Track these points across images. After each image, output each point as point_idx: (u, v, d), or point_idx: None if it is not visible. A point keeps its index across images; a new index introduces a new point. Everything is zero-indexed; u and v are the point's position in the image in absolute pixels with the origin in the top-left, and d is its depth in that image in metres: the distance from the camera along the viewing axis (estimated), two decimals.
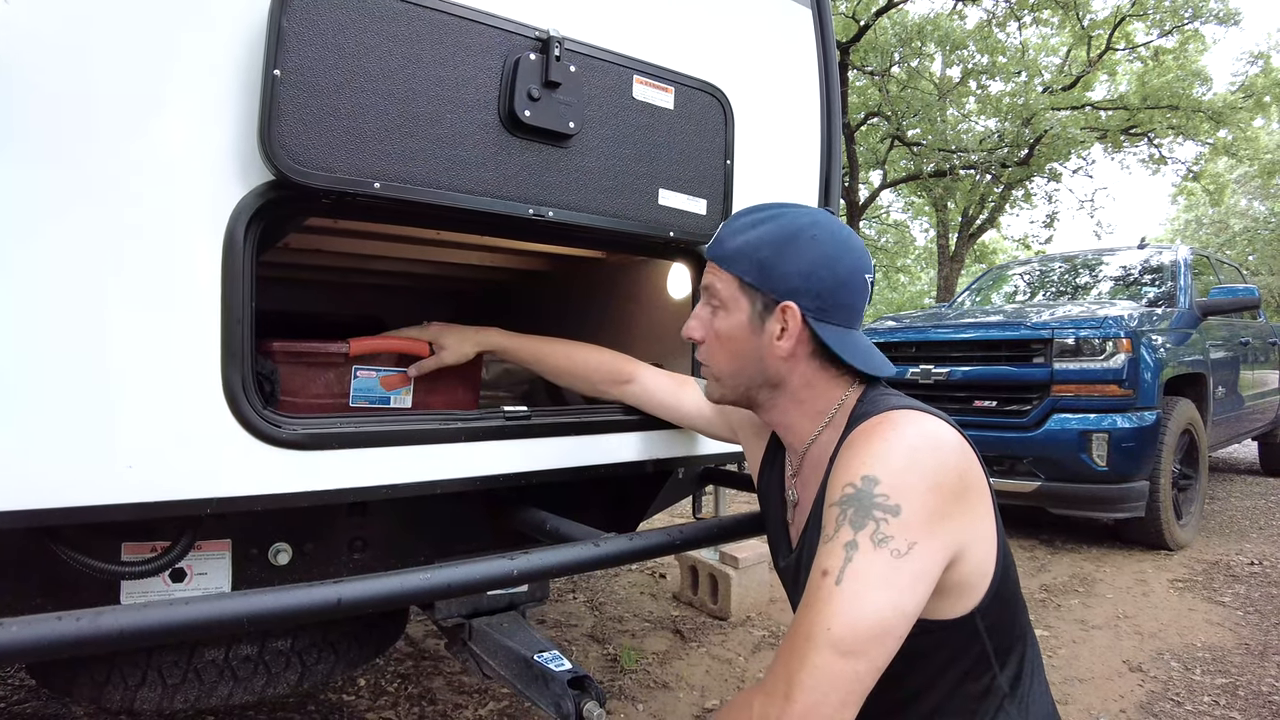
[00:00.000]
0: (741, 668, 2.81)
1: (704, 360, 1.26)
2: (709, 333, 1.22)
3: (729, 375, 1.23)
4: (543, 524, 1.60)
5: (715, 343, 1.22)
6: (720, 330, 1.20)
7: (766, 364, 1.17)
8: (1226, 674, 2.79)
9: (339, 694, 2.50)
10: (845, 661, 0.89)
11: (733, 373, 1.22)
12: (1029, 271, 7.02)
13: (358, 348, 1.43)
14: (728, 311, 1.19)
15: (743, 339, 1.18)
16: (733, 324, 1.19)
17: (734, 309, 1.18)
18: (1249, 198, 26.49)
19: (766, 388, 1.20)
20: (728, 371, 1.22)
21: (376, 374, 1.47)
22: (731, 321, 1.19)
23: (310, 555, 1.50)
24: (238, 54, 1.09)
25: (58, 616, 0.87)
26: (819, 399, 1.18)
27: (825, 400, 1.18)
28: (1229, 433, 5.78)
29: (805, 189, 1.86)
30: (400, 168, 1.18)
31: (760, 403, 1.23)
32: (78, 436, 1.00)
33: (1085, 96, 16.23)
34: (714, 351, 1.23)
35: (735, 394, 1.24)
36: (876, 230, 23.95)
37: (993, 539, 1.06)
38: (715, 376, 1.25)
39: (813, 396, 1.18)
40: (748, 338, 1.18)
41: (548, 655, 1.42)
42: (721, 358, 1.22)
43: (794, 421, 1.21)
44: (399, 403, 1.50)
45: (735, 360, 1.20)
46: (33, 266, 0.97)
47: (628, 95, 1.44)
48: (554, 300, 2.56)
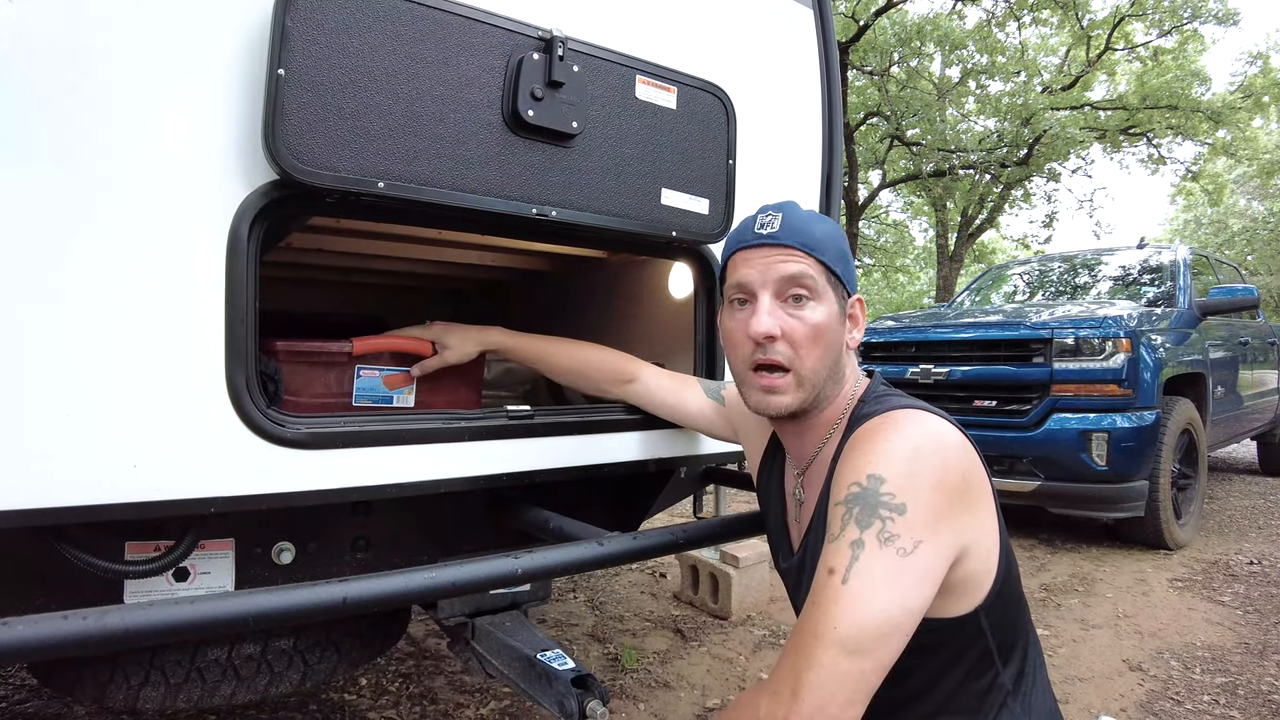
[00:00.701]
0: (742, 667, 2.81)
1: (784, 359, 1.12)
2: (798, 327, 1.11)
3: (815, 373, 1.13)
4: (545, 523, 1.60)
5: (808, 337, 1.11)
6: (815, 323, 1.11)
7: (841, 358, 1.16)
8: (1226, 673, 2.79)
9: (340, 693, 2.50)
10: (852, 660, 0.89)
11: (819, 370, 1.13)
12: (1028, 271, 7.02)
13: (361, 347, 1.43)
14: (819, 302, 1.12)
15: (834, 332, 1.13)
16: (827, 315, 1.12)
17: (825, 299, 1.12)
18: (1248, 198, 26.50)
19: (832, 383, 1.16)
20: (815, 369, 1.12)
21: (379, 373, 1.47)
22: (825, 312, 1.12)
23: (313, 554, 1.50)
24: (242, 53, 1.09)
25: (63, 615, 0.88)
26: (845, 395, 1.19)
27: (846, 397, 1.19)
28: (1228, 432, 5.79)
29: (806, 188, 1.86)
30: (404, 167, 1.18)
31: (821, 401, 1.16)
32: (82, 436, 1.00)
33: (1084, 96, 16.23)
34: (805, 346, 1.11)
35: (813, 394, 1.14)
36: (876, 230, 23.94)
37: (995, 537, 1.07)
38: (800, 378, 1.12)
39: (849, 387, 1.20)
40: (837, 330, 1.14)
41: (551, 654, 1.42)
42: (812, 353, 1.12)
43: (827, 419, 1.19)
44: (402, 402, 1.50)
45: (827, 355, 1.13)
46: (37, 266, 0.97)
47: (630, 95, 1.44)
48: (556, 300, 2.56)
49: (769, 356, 1.12)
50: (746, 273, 1.15)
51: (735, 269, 1.18)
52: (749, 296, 1.15)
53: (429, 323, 1.55)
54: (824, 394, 1.16)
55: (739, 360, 1.18)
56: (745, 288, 1.15)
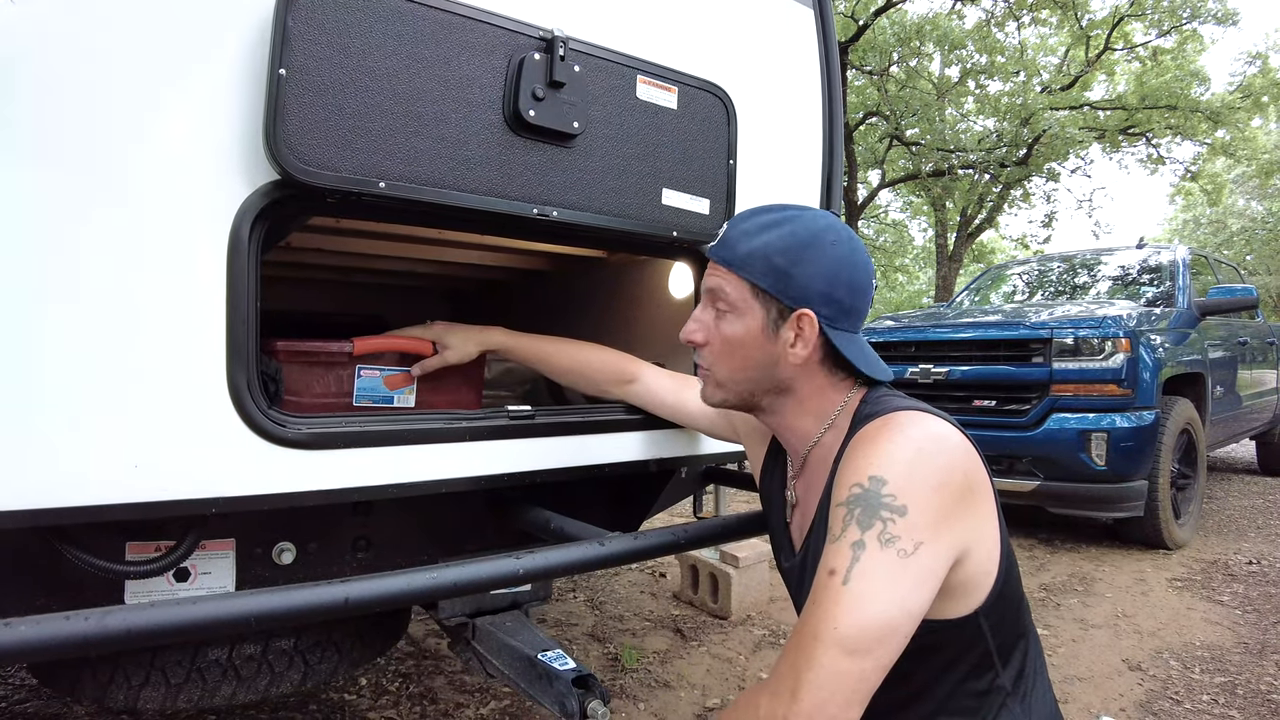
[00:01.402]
0: (742, 666, 2.81)
1: (705, 364, 1.21)
2: (713, 336, 1.18)
3: (733, 381, 1.19)
4: (547, 523, 1.60)
5: (721, 348, 1.17)
6: (729, 335, 1.16)
7: (777, 370, 1.15)
8: (1225, 672, 2.80)
9: (340, 693, 2.50)
10: (852, 660, 0.89)
11: (738, 379, 1.18)
12: (1027, 271, 7.02)
13: (361, 347, 1.43)
14: (737, 316, 1.15)
15: (753, 345, 1.15)
16: (743, 330, 1.15)
17: (745, 314, 1.14)
18: (1247, 198, 26.53)
19: (772, 393, 1.18)
20: (732, 377, 1.18)
21: (380, 373, 1.47)
22: (741, 327, 1.15)
23: (314, 555, 1.50)
24: (243, 53, 1.09)
25: (65, 616, 0.87)
26: (822, 403, 1.18)
27: (828, 403, 1.18)
28: (1227, 432, 5.79)
29: (807, 188, 1.86)
30: (405, 167, 1.18)
31: (762, 407, 1.21)
32: (83, 436, 1.00)
33: (1083, 96, 16.24)
34: (718, 356, 1.18)
35: (737, 399, 1.21)
36: (875, 230, 23.96)
37: (996, 539, 1.07)
38: (717, 382, 1.20)
39: (817, 400, 1.18)
40: (759, 344, 1.14)
41: (551, 654, 1.42)
42: (727, 363, 1.18)
43: (796, 424, 1.20)
44: (402, 402, 1.50)
45: (743, 367, 1.16)
46: (38, 266, 0.96)
47: (631, 95, 1.44)
48: (556, 299, 2.56)
49: (696, 359, 1.25)
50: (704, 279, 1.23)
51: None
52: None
53: (429, 322, 1.55)
54: (760, 401, 1.20)
55: None
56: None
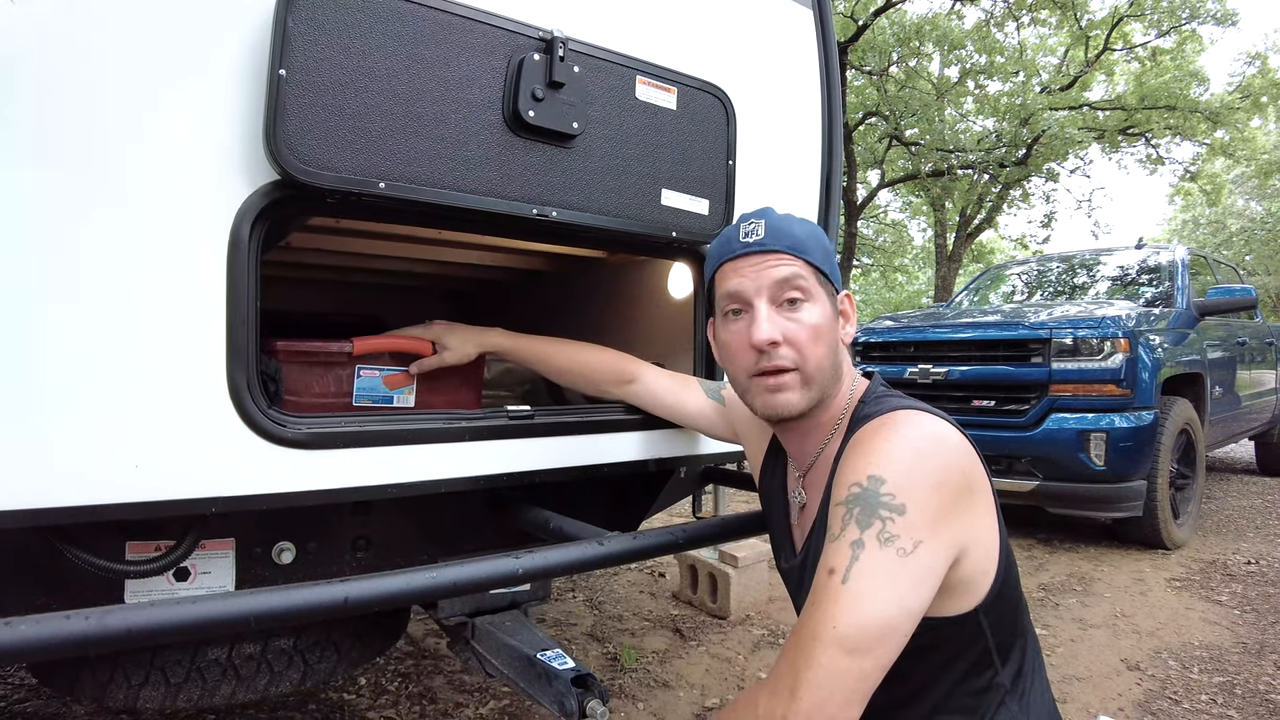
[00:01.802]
0: (741, 666, 2.82)
1: (789, 362, 1.12)
2: (795, 331, 1.11)
3: (820, 372, 1.13)
4: (546, 523, 1.60)
5: (809, 337, 1.11)
6: (816, 323, 1.12)
7: (839, 354, 1.16)
8: (1224, 672, 2.80)
9: (340, 693, 2.50)
10: (851, 659, 0.90)
11: (824, 369, 1.13)
12: (1027, 271, 7.03)
13: (361, 347, 1.43)
14: (815, 302, 1.13)
15: (830, 330, 1.14)
16: (822, 314, 1.13)
17: (819, 299, 1.13)
18: (1246, 198, 26.53)
19: (834, 382, 1.16)
20: (820, 369, 1.13)
21: (380, 373, 1.47)
22: (821, 311, 1.13)
23: (313, 554, 1.50)
24: (243, 53, 1.09)
25: (65, 615, 0.88)
26: (844, 393, 1.19)
27: (847, 392, 1.19)
28: (1226, 432, 5.80)
29: (806, 188, 1.87)
30: (405, 167, 1.19)
31: (826, 399, 1.16)
32: (84, 436, 1.00)
33: (1083, 96, 16.24)
34: (808, 347, 1.11)
35: (820, 392, 1.14)
36: (874, 230, 23.95)
37: (995, 537, 1.07)
38: (807, 377, 1.12)
39: (846, 386, 1.19)
40: (833, 327, 1.15)
41: (550, 654, 1.42)
42: (817, 353, 1.12)
43: (829, 418, 1.18)
44: (402, 402, 1.50)
45: (829, 353, 1.13)
46: (38, 266, 0.97)
47: (631, 95, 1.44)
48: (555, 300, 2.56)
49: (774, 363, 1.12)
50: (739, 282, 1.15)
51: (725, 279, 1.17)
52: (744, 306, 1.15)
53: (429, 322, 1.55)
54: (828, 393, 1.16)
55: (741, 370, 1.17)
56: (739, 297, 1.15)
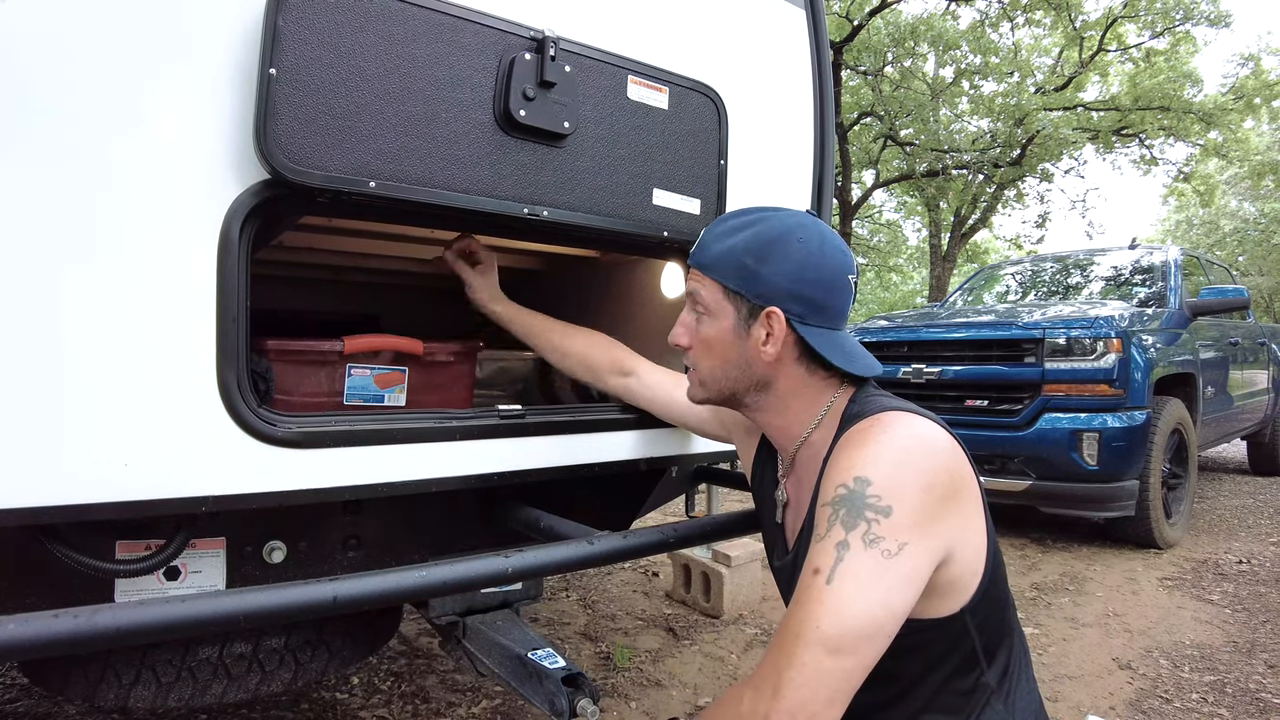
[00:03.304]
0: (734, 665, 2.82)
1: (690, 364, 1.27)
2: (694, 338, 1.23)
3: (713, 379, 1.23)
4: (537, 522, 1.61)
5: (701, 348, 1.22)
6: (706, 336, 1.21)
7: (753, 368, 1.18)
8: (1214, 671, 2.81)
9: (332, 692, 2.50)
10: (834, 659, 0.90)
11: (718, 377, 1.22)
12: (1021, 271, 7.04)
13: (352, 346, 1.43)
14: (712, 317, 1.20)
15: (728, 344, 1.19)
16: (718, 330, 1.19)
17: (719, 315, 1.19)
18: (1239, 199, 26.60)
19: (753, 391, 1.21)
20: (713, 376, 1.23)
21: (371, 372, 1.47)
22: (716, 328, 1.19)
23: (304, 553, 1.50)
24: (233, 52, 1.09)
25: (54, 614, 0.88)
26: (807, 401, 1.19)
27: (813, 402, 1.19)
28: (1218, 432, 5.83)
29: (799, 189, 1.87)
30: (395, 167, 1.19)
31: (747, 404, 1.24)
32: (73, 435, 1.00)
33: (1077, 97, 16.27)
34: (699, 356, 1.23)
35: (720, 397, 1.25)
36: (869, 230, 23.97)
37: (983, 539, 1.07)
38: (700, 380, 1.25)
39: (800, 399, 1.19)
40: (733, 343, 1.18)
41: (541, 653, 1.43)
42: (707, 363, 1.22)
43: (782, 423, 1.22)
44: (393, 401, 1.50)
45: (721, 365, 1.21)
46: (28, 265, 0.96)
47: (622, 95, 1.45)
48: (548, 299, 2.56)
49: (683, 359, 1.29)
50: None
51: None
52: None
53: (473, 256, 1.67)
54: (744, 399, 1.23)
55: None
56: None
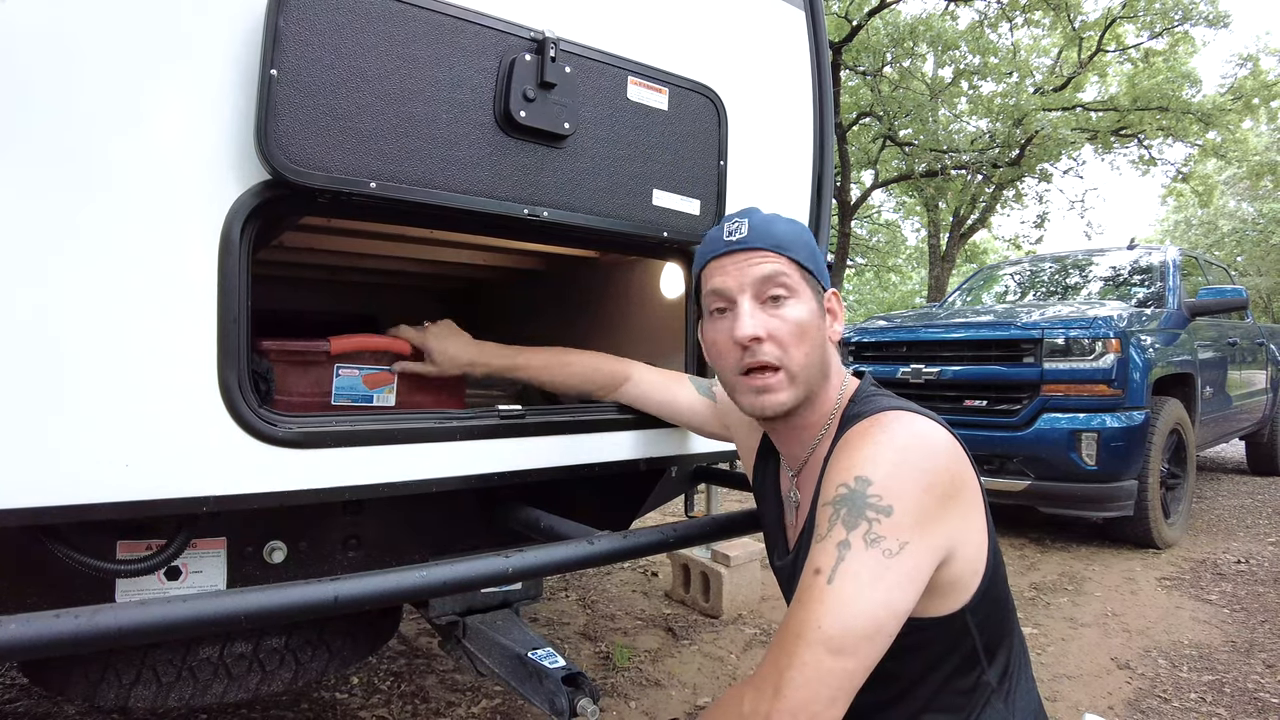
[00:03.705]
0: (733, 665, 2.82)
1: (773, 359, 1.12)
2: (778, 327, 1.12)
3: (805, 370, 1.13)
4: (537, 522, 1.61)
5: (793, 334, 1.12)
6: (800, 320, 1.12)
7: (827, 352, 1.17)
8: (1213, 671, 2.82)
9: (332, 692, 2.50)
10: (835, 659, 0.90)
11: (809, 367, 1.13)
12: (1019, 272, 7.05)
13: (338, 346, 1.42)
14: (799, 299, 1.14)
15: (816, 326, 1.14)
16: (807, 311, 1.13)
17: (803, 295, 1.14)
18: (1237, 199, 26.61)
19: (821, 379, 1.17)
20: (805, 366, 1.13)
21: (359, 372, 1.46)
22: (806, 309, 1.13)
23: (305, 553, 1.50)
24: (234, 53, 1.09)
25: (55, 614, 0.88)
26: (832, 392, 1.20)
27: (833, 394, 1.20)
28: (1217, 432, 5.83)
29: (798, 189, 1.87)
30: (396, 167, 1.19)
31: (813, 398, 1.17)
32: (75, 435, 1.00)
33: (1076, 97, 16.28)
34: (791, 345, 1.12)
35: (806, 390, 1.15)
36: (868, 230, 23.97)
37: (984, 538, 1.08)
38: (791, 374, 1.13)
39: (831, 390, 1.20)
40: (819, 325, 1.15)
41: (541, 652, 1.43)
42: (800, 350, 1.12)
43: (815, 419, 1.19)
44: (382, 401, 1.48)
45: (814, 350, 1.14)
46: (27, 266, 0.97)
47: (622, 96, 1.45)
48: (548, 299, 2.57)
49: (758, 359, 1.12)
50: (722, 280, 1.16)
51: (710, 278, 1.19)
52: (728, 303, 1.16)
53: (425, 325, 1.52)
54: (815, 390, 1.16)
55: (728, 368, 1.18)
56: (723, 294, 1.16)
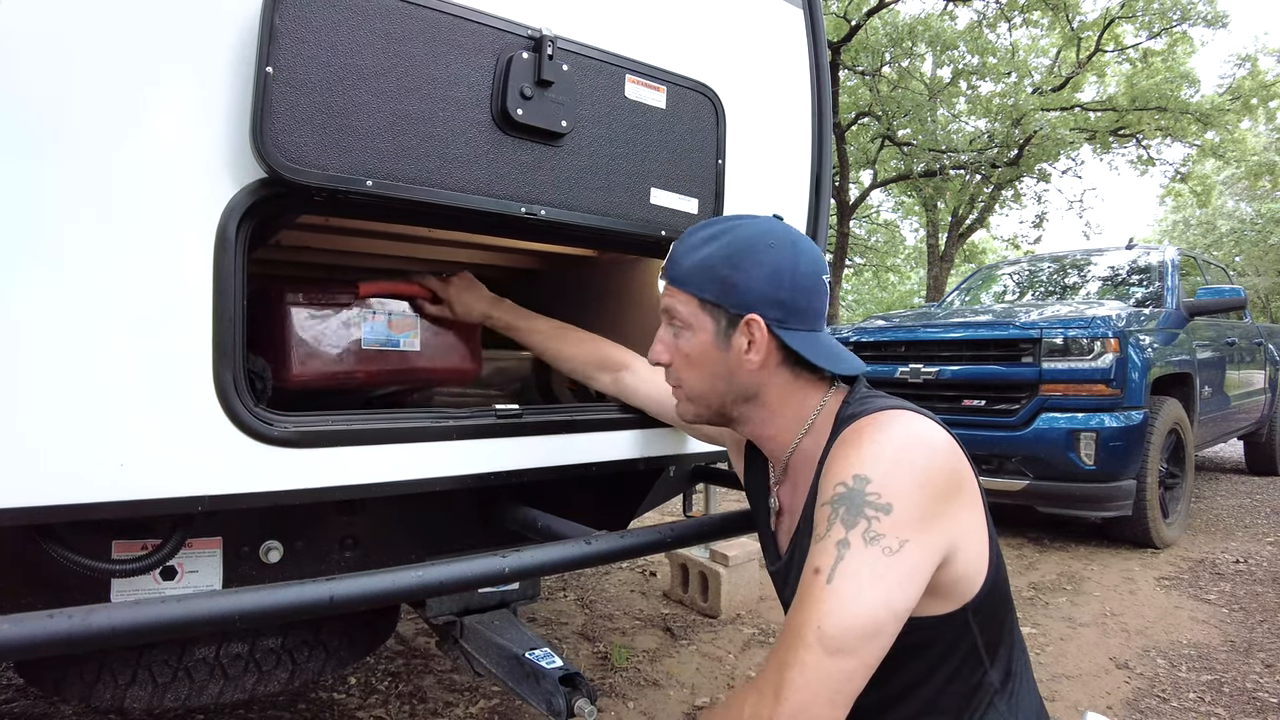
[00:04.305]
0: (731, 665, 2.82)
1: (674, 383, 1.24)
2: (675, 355, 1.20)
3: (701, 395, 1.21)
4: (534, 522, 1.60)
5: (683, 364, 1.20)
6: (687, 351, 1.18)
7: (738, 379, 1.17)
8: (1212, 670, 2.82)
9: (329, 692, 2.49)
10: (836, 660, 0.89)
11: (705, 392, 1.20)
12: (1018, 271, 7.05)
13: (366, 290, 1.51)
14: (691, 332, 1.17)
15: (711, 358, 1.17)
16: (698, 344, 1.17)
17: (698, 329, 1.17)
18: (1236, 199, 26.66)
19: (741, 403, 1.19)
20: (700, 391, 1.21)
21: (388, 316, 1.54)
22: (696, 342, 1.17)
23: (301, 553, 1.49)
24: (230, 50, 1.09)
25: (49, 614, 0.87)
26: (795, 407, 1.18)
27: (802, 407, 1.18)
28: (1215, 432, 5.83)
29: (796, 188, 1.87)
30: (393, 165, 1.18)
31: (736, 418, 1.22)
32: (70, 435, 0.99)
33: (1074, 98, 16.31)
34: (683, 373, 1.21)
35: (710, 413, 1.23)
36: (867, 230, 24.00)
37: (984, 537, 1.07)
38: (688, 397, 1.23)
39: (789, 405, 1.18)
40: (716, 356, 1.16)
41: (539, 652, 1.42)
42: (691, 378, 1.20)
43: (773, 432, 1.21)
44: (408, 345, 1.57)
45: (706, 379, 1.19)
46: (22, 265, 0.96)
47: (620, 94, 1.44)
48: (546, 298, 2.56)
49: (666, 378, 1.27)
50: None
51: None
52: None
53: (447, 276, 1.64)
54: (732, 412, 1.21)
55: None
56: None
